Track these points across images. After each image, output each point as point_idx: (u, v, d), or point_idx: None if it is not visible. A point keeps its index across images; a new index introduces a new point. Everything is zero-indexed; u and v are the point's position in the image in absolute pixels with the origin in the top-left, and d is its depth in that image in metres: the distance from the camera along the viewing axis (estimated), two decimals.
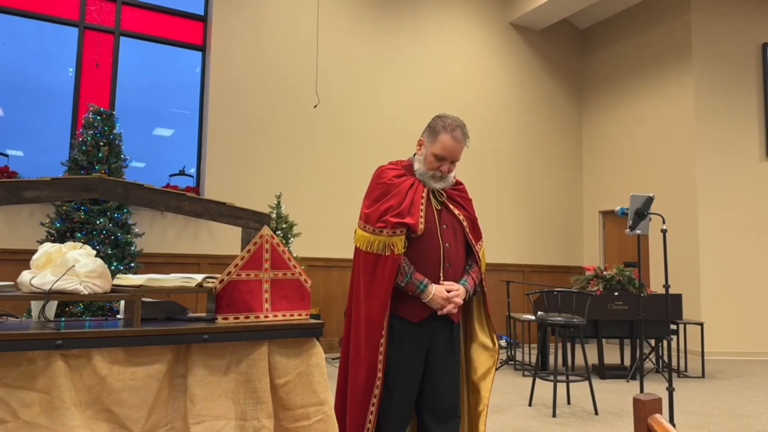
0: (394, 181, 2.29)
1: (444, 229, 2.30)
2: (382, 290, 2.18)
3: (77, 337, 1.72)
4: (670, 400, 3.95)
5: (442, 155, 2.27)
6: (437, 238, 2.28)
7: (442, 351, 2.30)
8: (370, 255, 2.20)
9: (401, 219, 2.19)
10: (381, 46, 8.20)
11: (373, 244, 2.20)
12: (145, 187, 2.00)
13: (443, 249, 2.28)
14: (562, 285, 8.35)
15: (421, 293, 2.21)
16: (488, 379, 2.39)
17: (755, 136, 8.17)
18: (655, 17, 8.89)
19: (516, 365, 6.68)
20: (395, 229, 2.18)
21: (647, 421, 1.11)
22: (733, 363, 7.30)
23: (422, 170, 2.32)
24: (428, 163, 2.30)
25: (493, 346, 2.41)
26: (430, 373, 2.29)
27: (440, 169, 2.30)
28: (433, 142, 2.29)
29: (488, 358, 2.42)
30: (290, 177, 7.35)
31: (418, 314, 2.25)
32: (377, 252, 2.19)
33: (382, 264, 2.18)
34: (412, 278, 2.21)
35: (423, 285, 2.21)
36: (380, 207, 2.24)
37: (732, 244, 7.94)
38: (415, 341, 2.26)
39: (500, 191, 9.01)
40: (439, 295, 2.21)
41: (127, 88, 6.82)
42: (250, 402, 1.94)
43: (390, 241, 2.18)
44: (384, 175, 2.32)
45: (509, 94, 9.29)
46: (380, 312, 2.18)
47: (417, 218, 2.23)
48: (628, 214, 4.15)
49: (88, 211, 5.33)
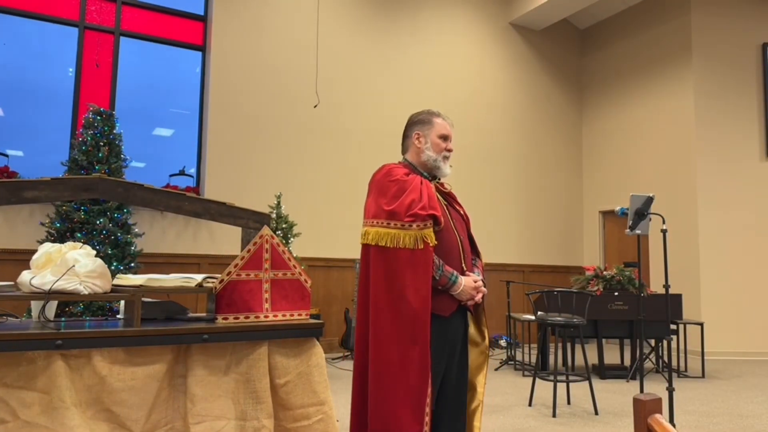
0: (406, 178, 2.29)
1: (455, 223, 2.35)
2: (423, 284, 2.11)
3: (77, 337, 1.72)
4: (670, 400, 3.95)
5: (445, 134, 2.40)
6: (453, 231, 2.31)
7: (460, 345, 2.31)
8: (401, 251, 2.13)
9: (429, 211, 2.18)
10: (381, 46, 8.20)
11: (404, 239, 2.14)
12: (145, 187, 2.00)
13: (460, 241, 2.32)
14: (562, 285, 8.35)
15: (452, 285, 2.20)
16: (482, 375, 2.39)
17: (755, 136, 8.17)
18: (655, 17, 8.89)
19: (516, 365, 6.68)
20: (425, 222, 2.16)
21: (647, 421, 1.11)
22: (733, 363, 7.29)
23: (433, 156, 2.37)
24: (436, 146, 2.38)
25: (483, 340, 2.42)
26: (450, 369, 2.27)
27: (448, 149, 2.40)
28: (431, 128, 2.40)
29: (480, 354, 2.42)
30: (290, 177, 7.35)
31: (448, 308, 2.23)
32: (409, 247, 2.13)
33: (417, 258, 2.13)
34: (444, 270, 2.20)
35: (455, 277, 2.21)
36: (404, 201, 2.19)
37: (732, 244, 7.94)
38: (443, 337, 2.23)
39: (500, 191, 9.01)
40: (469, 286, 2.22)
41: (127, 88, 6.82)
42: (250, 402, 1.94)
43: (421, 234, 2.14)
44: (394, 173, 2.31)
45: (509, 94, 9.29)
46: (425, 307, 2.10)
47: (440, 210, 2.24)
48: (628, 214, 4.15)
49: (88, 211, 5.33)
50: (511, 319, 6.83)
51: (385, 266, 2.17)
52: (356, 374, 2.27)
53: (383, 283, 2.17)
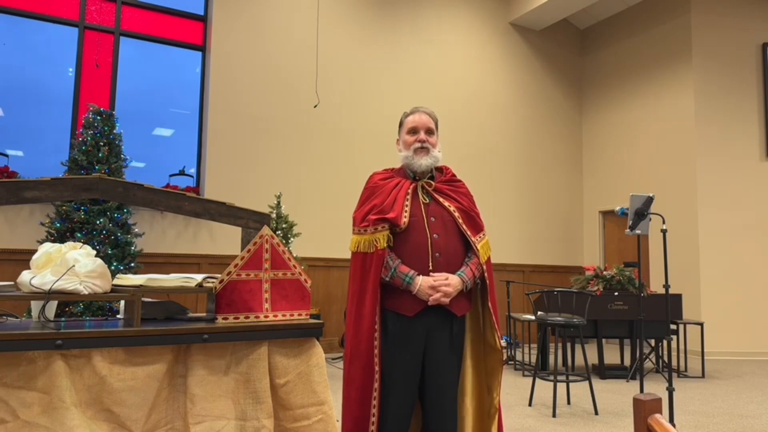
0: (379, 183, 2.40)
1: (432, 222, 2.32)
2: (370, 285, 2.23)
3: (77, 337, 1.72)
4: (670, 400, 3.95)
5: (413, 127, 2.43)
6: (424, 231, 2.30)
7: (442, 348, 2.27)
8: (359, 255, 2.29)
9: (382, 215, 2.27)
10: (381, 46, 8.20)
11: (361, 244, 2.29)
12: (145, 187, 2.00)
13: (431, 240, 2.29)
14: (562, 285, 8.36)
15: (408, 285, 2.23)
16: (496, 381, 2.34)
17: (755, 136, 8.17)
18: (655, 17, 8.89)
19: (516, 365, 6.68)
20: (376, 226, 2.26)
21: (647, 421, 1.11)
22: (733, 363, 7.29)
23: (404, 154, 2.43)
24: (405, 143, 2.44)
25: (495, 343, 2.35)
26: (430, 371, 2.27)
27: (418, 140, 2.40)
28: (403, 128, 2.49)
29: (493, 357, 2.37)
30: (290, 177, 7.36)
31: (411, 308, 2.24)
32: (364, 251, 2.27)
33: (368, 261, 2.25)
34: (397, 271, 2.24)
35: (409, 277, 2.23)
36: (364, 208, 2.35)
37: (732, 244, 7.94)
38: (410, 337, 2.25)
39: (500, 191, 9.01)
40: (425, 285, 2.22)
41: (127, 88, 6.82)
42: (250, 402, 1.94)
43: (373, 238, 2.26)
44: (371, 180, 2.45)
45: (509, 94, 9.29)
46: (371, 307, 2.22)
47: (399, 212, 2.28)
48: (628, 214, 4.15)
49: (88, 211, 5.33)
50: (511, 319, 6.83)
51: (350, 269, 2.39)
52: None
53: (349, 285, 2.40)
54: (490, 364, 2.38)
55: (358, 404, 2.22)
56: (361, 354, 2.22)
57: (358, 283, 2.29)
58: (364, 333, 2.22)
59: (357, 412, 2.21)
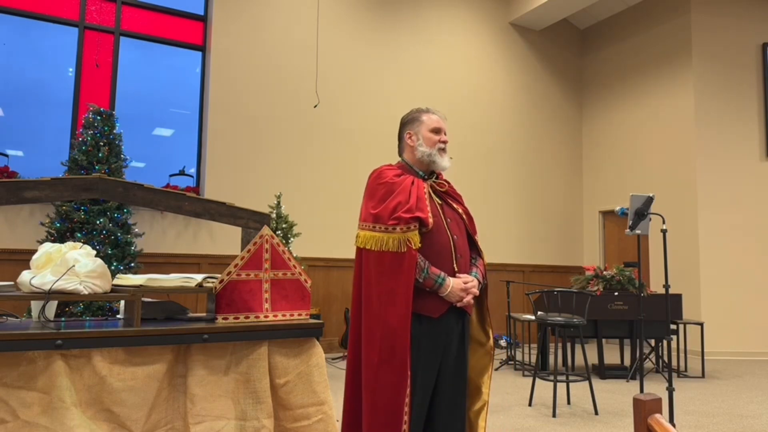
0: (395, 180, 2.29)
1: (449, 223, 2.32)
2: (404, 287, 2.12)
3: (77, 337, 1.72)
4: (670, 400, 3.95)
5: (437, 127, 2.39)
6: (446, 231, 2.28)
7: (456, 347, 2.28)
8: (385, 254, 2.15)
9: (414, 214, 2.18)
10: (381, 47, 8.20)
11: (387, 243, 2.15)
12: (145, 187, 2.00)
13: (453, 241, 2.28)
14: (562, 285, 8.35)
15: (439, 287, 2.19)
16: (486, 376, 2.38)
17: (755, 136, 8.17)
18: (655, 17, 8.89)
19: (516, 365, 6.68)
20: (409, 225, 2.16)
21: (647, 421, 1.11)
22: (733, 363, 7.29)
23: (427, 150, 2.35)
24: (428, 140, 2.37)
25: (488, 341, 2.40)
26: (447, 371, 2.25)
27: (441, 141, 2.38)
28: (421, 124, 2.39)
29: (484, 355, 2.42)
30: (290, 177, 7.36)
31: (437, 309, 2.22)
32: (393, 250, 2.15)
33: (399, 262, 2.14)
34: (429, 273, 2.19)
35: (441, 278, 2.20)
36: (389, 205, 2.21)
37: (732, 244, 7.94)
38: (434, 339, 2.23)
39: (500, 191, 9.01)
40: (457, 287, 2.20)
41: (127, 88, 6.82)
42: (250, 402, 1.94)
43: (405, 237, 2.15)
44: (384, 175, 2.32)
45: (509, 94, 9.29)
46: (405, 309, 2.12)
47: (427, 212, 2.22)
48: (628, 214, 4.15)
49: (88, 211, 5.33)
50: (511, 319, 6.83)
51: (366, 270, 2.22)
52: (349, 373, 2.28)
53: (363, 286, 2.23)
54: (484, 360, 2.42)
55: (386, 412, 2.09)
56: (395, 358, 2.10)
57: (385, 284, 2.15)
58: (398, 336, 2.10)
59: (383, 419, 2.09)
